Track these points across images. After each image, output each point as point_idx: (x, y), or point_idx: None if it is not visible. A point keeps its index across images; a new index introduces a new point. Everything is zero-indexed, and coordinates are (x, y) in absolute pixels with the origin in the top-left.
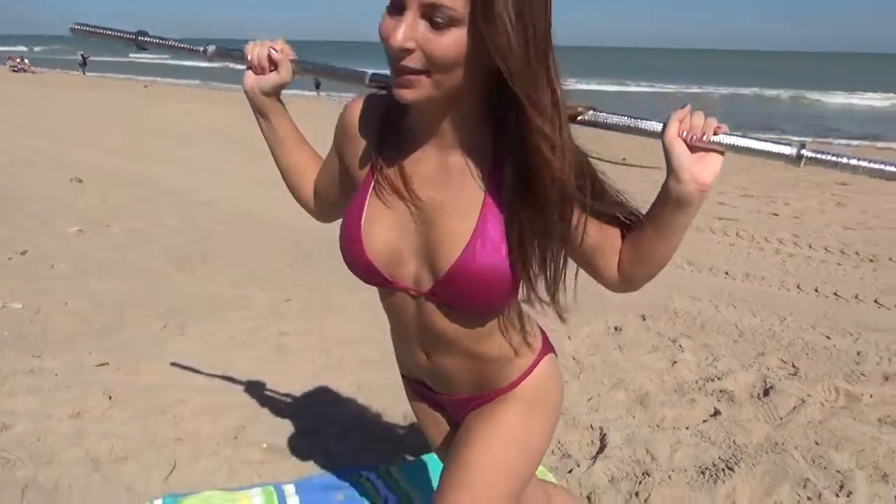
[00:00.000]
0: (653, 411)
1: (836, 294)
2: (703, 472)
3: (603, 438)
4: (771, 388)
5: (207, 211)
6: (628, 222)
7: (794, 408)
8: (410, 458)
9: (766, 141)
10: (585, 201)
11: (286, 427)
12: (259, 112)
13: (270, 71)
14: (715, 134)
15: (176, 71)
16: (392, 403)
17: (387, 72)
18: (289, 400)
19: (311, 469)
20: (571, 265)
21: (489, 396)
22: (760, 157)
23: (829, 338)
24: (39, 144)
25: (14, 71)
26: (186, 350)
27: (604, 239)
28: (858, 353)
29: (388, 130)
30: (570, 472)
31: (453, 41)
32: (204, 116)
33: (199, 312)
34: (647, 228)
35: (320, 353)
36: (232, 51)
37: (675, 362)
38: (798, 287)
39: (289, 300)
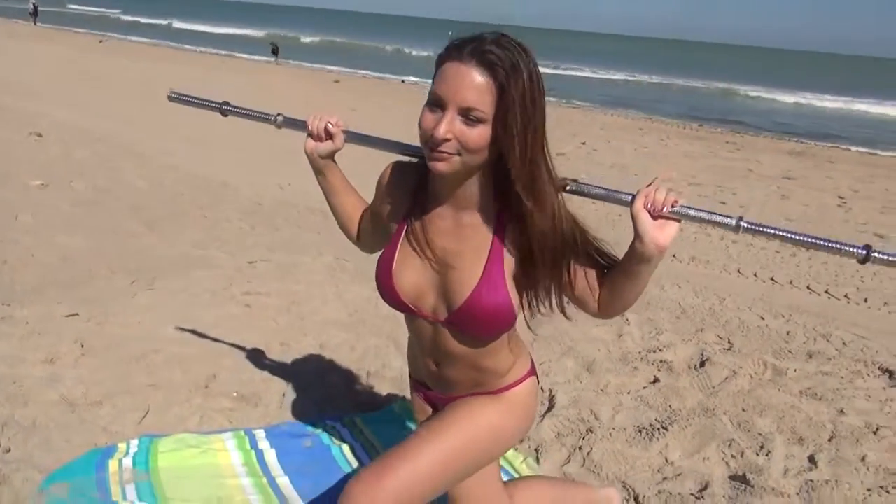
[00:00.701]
0: (598, 377)
1: (772, 279)
2: (640, 431)
3: (552, 399)
4: (707, 360)
5: (173, 174)
6: (606, 264)
7: (726, 378)
8: (372, 412)
9: (711, 212)
10: (574, 259)
11: (254, 379)
12: (317, 170)
13: (327, 139)
14: (673, 206)
15: (128, 27)
16: (354, 362)
17: (417, 144)
18: (255, 355)
19: (278, 418)
20: None
21: (458, 395)
22: (707, 224)
23: (762, 318)
24: None
25: None
26: (155, 305)
27: (587, 284)
28: (788, 333)
29: (419, 193)
30: None
31: (480, 134)
32: (164, 76)
33: (167, 270)
34: (619, 276)
35: (284, 313)
36: (297, 121)
37: (620, 335)
38: (738, 271)
39: (252, 262)
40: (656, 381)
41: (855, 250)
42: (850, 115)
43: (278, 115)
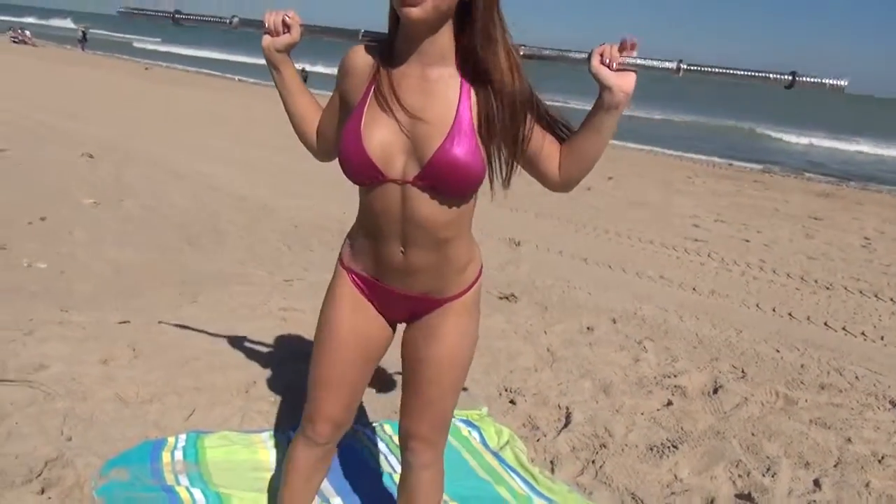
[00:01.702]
0: (614, 398)
1: (790, 314)
2: (651, 449)
3: (568, 416)
4: (720, 387)
5: (214, 194)
6: (564, 136)
7: (738, 405)
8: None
9: (656, 59)
10: (533, 113)
11: (290, 386)
12: (274, 66)
13: (284, 33)
14: (624, 58)
15: (170, 57)
16: (381, 372)
17: (374, 30)
18: (291, 364)
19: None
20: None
21: (437, 301)
22: (653, 71)
23: (778, 351)
24: (49, 119)
25: (14, 42)
26: (199, 316)
27: (546, 145)
28: (802, 366)
29: (383, 61)
30: (538, 440)
31: None
32: (205, 103)
33: (209, 285)
34: (584, 131)
35: None
36: (253, 21)
37: (637, 360)
38: (757, 306)
39: (289, 280)
40: (670, 404)
41: (782, 76)
42: (885, 159)
43: (234, 16)
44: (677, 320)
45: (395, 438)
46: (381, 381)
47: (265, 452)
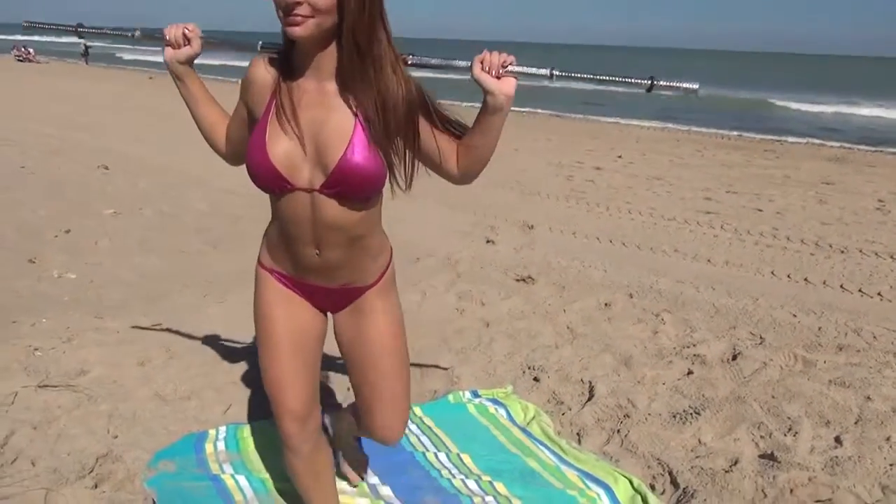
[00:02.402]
0: (635, 371)
1: (805, 279)
2: (674, 416)
3: (591, 390)
4: (739, 354)
5: (231, 197)
6: (459, 133)
7: (757, 370)
8: (427, 400)
9: (532, 67)
10: (426, 117)
11: (321, 376)
12: (177, 77)
13: (185, 46)
14: (505, 66)
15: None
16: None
17: (273, 41)
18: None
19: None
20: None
21: (359, 290)
22: (530, 79)
23: (795, 315)
24: (62, 133)
25: (19, 60)
26: (226, 315)
27: (442, 144)
28: (819, 328)
29: (283, 74)
30: (563, 414)
31: None
32: None
33: (233, 285)
34: (475, 132)
35: None
36: (154, 31)
37: (656, 332)
38: (772, 273)
39: None
40: (690, 373)
41: (642, 81)
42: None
43: (136, 30)
44: (693, 292)
45: (426, 419)
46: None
47: None
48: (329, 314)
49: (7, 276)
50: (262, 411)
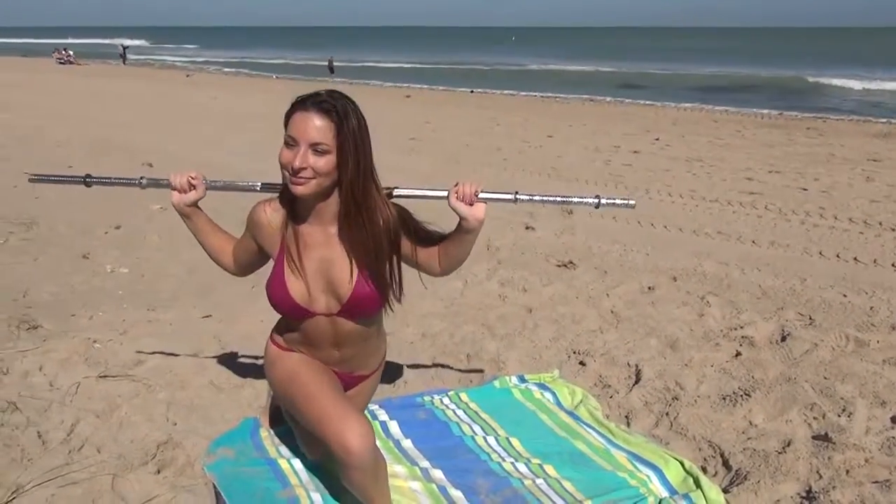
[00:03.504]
0: (682, 353)
1: (855, 259)
2: (724, 398)
3: (638, 374)
4: (788, 335)
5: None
6: (438, 240)
7: (808, 351)
8: (474, 385)
9: (496, 192)
10: (409, 234)
11: None
12: (185, 216)
13: (190, 191)
14: (476, 195)
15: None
16: (453, 346)
17: (270, 181)
18: None
19: (392, 393)
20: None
21: (365, 376)
22: (499, 202)
23: (845, 295)
24: (105, 132)
25: (60, 63)
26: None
27: (427, 254)
28: (871, 308)
29: (289, 222)
30: (610, 398)
31: (327, 161)
32: (250, 105)
33: None
34: (451, 244)
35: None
36: (161, 180)
37: (702, 315)
38: (820, 253)
39: None
40: (738, 355)
41: (590, 199)
42: None
43: (141, 178)
44: (739, 273)
45: (472, 405)
46: (455, 358)
47: None
48: None
49: (64, 272)
50: None
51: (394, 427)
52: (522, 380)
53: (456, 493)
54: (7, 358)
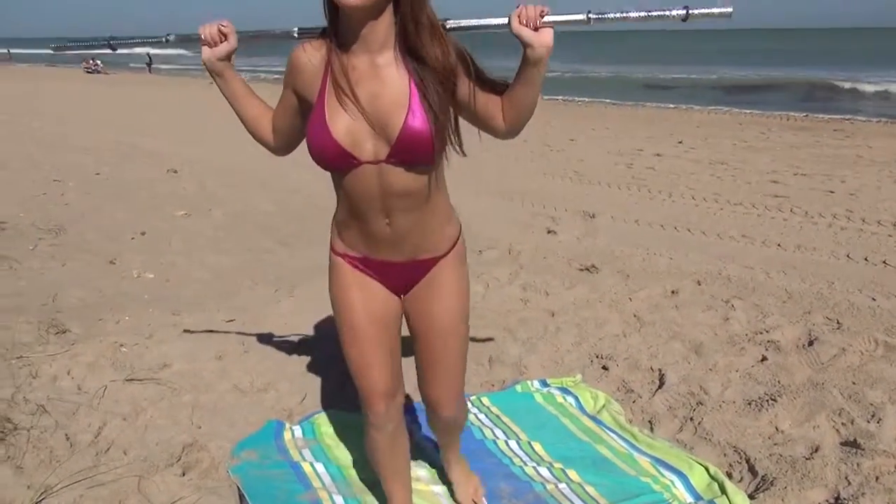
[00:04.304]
0: (706, 358)
1: (884, 262)
2: (749, 404)
3: (662, 378)
4: (815, 339)
5: (296, 197)
6: (500, 89)
7: (836, 355)
8: (495, 389)
9: (567, 14)
10: (469, 76)
11: None
12: (217, 74)
13: (221, 42)
14: (542, 17)
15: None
16: (476, 350)
17: (308, 25)
18: None
19: (416, 398)
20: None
21: (431, 262)
22: (566, 26)
23: (874, 299)
24: (132, 140)
25: (88, 72)
26: (296, 310)
27: (487, 100)
28: None
29: (331, 55)
30: (633, 402)
31: None
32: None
33: (302, 280)
34: (517, 85)
35: None
36: (189, 35)
37: (727, 319)
38: (848, 256)
39: None
40: (764, 359)
41: (676, 12)
42: None
43: (169, 34)
44: (764, 277)
45: (494, 409)
46: (477, 362)
47: None
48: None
49: (91, 277)
50: (335, 401)
51: (416, 431)
52: (544, 384)
53: None
54: (36, 361)
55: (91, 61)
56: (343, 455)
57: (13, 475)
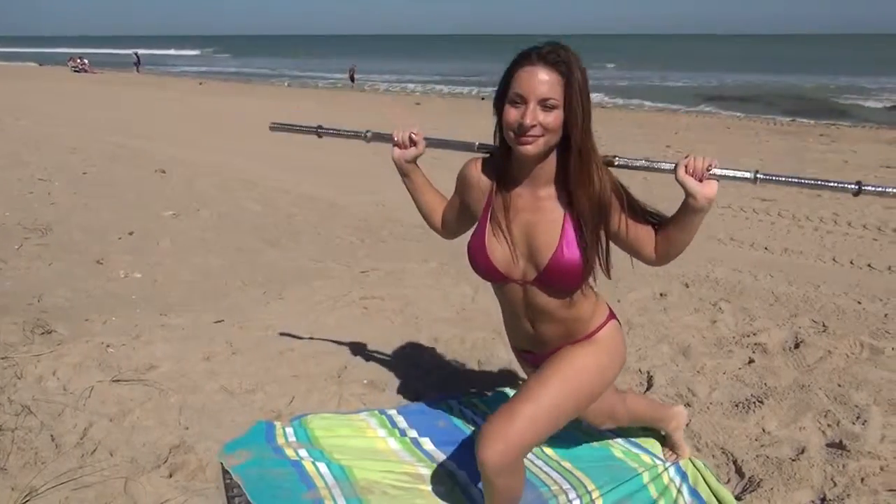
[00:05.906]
0: (694, 360)
1: (869, 265)
2: (736, 405)
3: (650, 380)
4: (801, 342)
5: (283, 195)
6: (656, 222)
7: (821, 358)
8: (488, 393)
9: (736, 170)
10: (623, 208)
11: (379, 369)
12: (403, 173)
13: (411, 146)
14: (709, 170)
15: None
16: (465, 352)
17: (488, 142)
18: (377, 348)
19: (405, 400)
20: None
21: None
22: (732, 181)
23: (859, 302)
24: (120, 140)
25: (75, 71)
26: (285, 311)
27: (639, 233)
28: (886, 315)
29: (499, 182)
30: None
31: (556, 117)
32: (262, 111)
33: (291, 281)
34: (673, 226)
35: (398, 314)
36: (384, 134)
37: (714, 321)
38: (834, 259)
39: (365, 271)
40: (751, 361)
41: (849, 185)
42: None
43: (367, 131)
44: (752, 280)
45: (480, 406)
46: (467, 365)
47: (370, 430)
48: None
49: (78, 277)
50: (322, 403)
51: (412, 433)
52: None
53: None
54: (21, 362)
55: (78, 60)
56: (341, 455)
57: None
